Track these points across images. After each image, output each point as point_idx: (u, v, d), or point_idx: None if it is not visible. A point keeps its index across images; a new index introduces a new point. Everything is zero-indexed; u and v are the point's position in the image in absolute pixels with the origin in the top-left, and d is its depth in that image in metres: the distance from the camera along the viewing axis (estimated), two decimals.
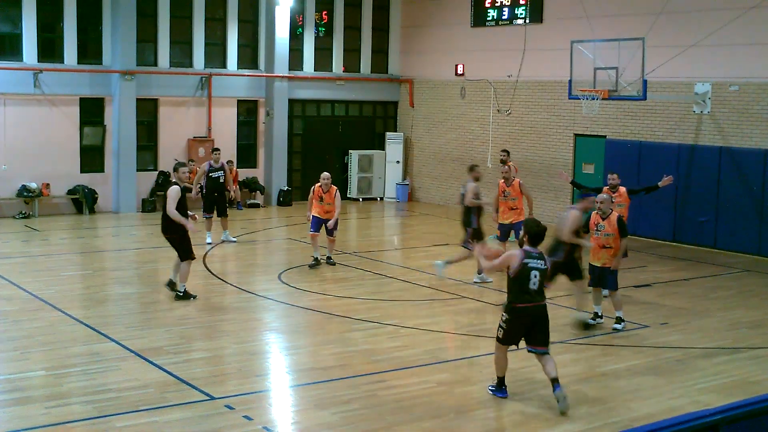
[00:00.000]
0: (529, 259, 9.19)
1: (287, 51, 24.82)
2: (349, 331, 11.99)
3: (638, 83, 18.41)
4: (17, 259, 16.71)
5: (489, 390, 9.60)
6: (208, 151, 24.02)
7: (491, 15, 24.14)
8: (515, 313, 9.23)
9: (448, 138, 25.67)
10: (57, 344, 11.06)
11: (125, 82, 22.36)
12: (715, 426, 5.69)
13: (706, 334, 12.32)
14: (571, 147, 22.21)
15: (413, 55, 26.81)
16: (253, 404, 9.15)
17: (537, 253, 9.30)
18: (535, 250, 9.30)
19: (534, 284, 9.18)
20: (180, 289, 13.44)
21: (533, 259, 9.21)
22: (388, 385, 9.78)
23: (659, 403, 9.42)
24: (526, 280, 9.15)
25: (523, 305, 9.18)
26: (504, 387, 9.53)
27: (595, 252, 12.45)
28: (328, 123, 26.56)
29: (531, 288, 9.17)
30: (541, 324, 9.28)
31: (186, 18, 23.84)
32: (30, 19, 21.65)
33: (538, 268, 9.20)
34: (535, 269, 9.18)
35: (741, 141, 18.77)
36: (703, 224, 19.31)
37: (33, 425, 8.36)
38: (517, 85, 23.41)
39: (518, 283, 9.18)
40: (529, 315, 9.22)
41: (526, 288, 9.16)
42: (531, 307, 9.20)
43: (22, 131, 21.64)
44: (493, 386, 9.60)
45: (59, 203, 22.39)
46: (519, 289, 9.19)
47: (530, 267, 9.15)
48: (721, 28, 18.54)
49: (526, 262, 9.16)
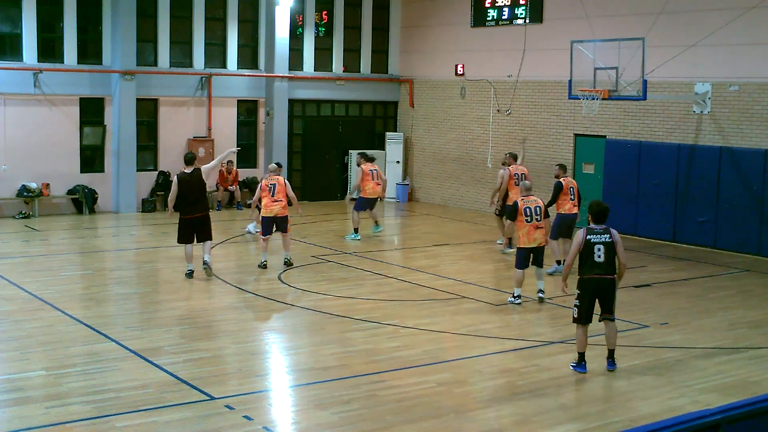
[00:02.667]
0: (592, 235, 10.19)
1: (287, 51, 24.83)
2: (349, 331, 11.99)
3: (638, 83, 18.40)
4: (17, 259, 16.71)
5: (570, 367, 10.43)
6: (208, 151, 24.07)
7: (491, 15, 24.14)
8: (584, 285, 10.26)
9: (448, 138, 25.67)
10: (57, 344, 11.06)
11: (125, 82, 22.36)
12: (715, 426, 5.69)
13: (706, 334, 12.32)
14: (571, 147, 22.20)
15: (413, 55, 26.81)
16: (253, 404, 9.15)
17: (601, 228, 10.24)
18: (599, 227, 10.25)
19: (599, 257, 10.13)
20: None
21: (596, 235, 10.19)
22: (388, 385, 9.79)
23: (659, 403, 9.42)
24: (590, 254, 10.14)
25: (590, 276, 10.19)
26: (584, 362, 10.36)
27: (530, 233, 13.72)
28: (328, 123, 26.57)
29: (597, 261, 10.14)
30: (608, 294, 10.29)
31: (186, 18, 23.84)
32: (30, 19, 21.65)
33: (602, 242, 10.16)
34: (598, 243, 10.15)
35: (741, 141, 18.77)
36: (703, 224, 19.31)
37: (33, 425, 8.36)
38: (517, 85, 23.41)
39: (584, 258, 10.19)
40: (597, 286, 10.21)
41: (592, 261, 10.14)
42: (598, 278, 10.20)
43: (22, 131, 21.64)
44: (574, 362, 10.45)
45: (59, 203, 22.39)
46: (585, 262, 10.19)
47: (593, 242, 10.16)
48: (721, 28, 18.54)
49: (590, 238, 10.18)
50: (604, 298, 10.30)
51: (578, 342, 10.40)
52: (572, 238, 14.64)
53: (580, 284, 10.31)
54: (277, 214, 15.87)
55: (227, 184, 23.89)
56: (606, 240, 10.16)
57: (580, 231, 10.31)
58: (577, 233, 10.37)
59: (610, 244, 10.17)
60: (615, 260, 10.30)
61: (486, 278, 15.60)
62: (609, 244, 10.16)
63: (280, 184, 15.93)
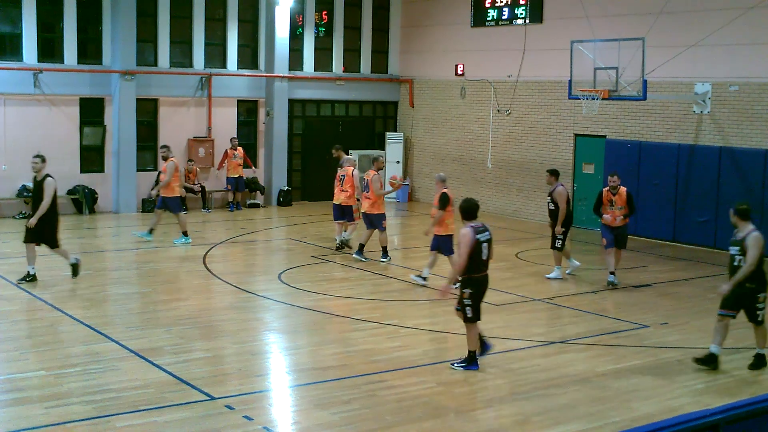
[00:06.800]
0: (479, 234, 10.12)
1: (287, 51, 24.83)
2: (349, 331, 11.99)
3: (638, 83, 18.40)
4: (17, 259, 16.69)
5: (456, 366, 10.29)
6: (208, 151, 24.08)
7: (491, 15, 24.14)
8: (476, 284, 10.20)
9: (448, 138, 25.67)
10: (57, 344, 11.07)
11: (125, 82, 22.36)
12: (715, 426, 5.68)
13: (706, 334, 12.29)
14: (571, 147, 22.20)
15: (413, 55, 26.81)
16: (253, 404, 9.15)
17: (481, 226, 10.23)
18: (479, 224, 10.21)
19: (485, 255, 10.17)
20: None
21: (481, 233, 10.15)
22: (388, 385, 9.78)
23: (659, 403, 9.42)
24: (479, 253, 10.11)
25: (481, 275, 10.23)
26: (476, 361, 10.34)
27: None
28: (328, 123, 26.56)
29: (483, 259, 10.18)
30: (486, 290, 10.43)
31: (186, 18, 23.84)
32: (30, 19, 21.65)
33: (486, 240, 10.20)
34: (484, 242, 10.16)
35: (741, 141, 18.77)
36: (703, 224, 19.31)
37: (33, 425, 8.36)
38: (517, 85, 23.40)
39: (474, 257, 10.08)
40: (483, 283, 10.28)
41: (480, 260, 10.13)
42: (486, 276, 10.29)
43: (22, 131, 21.63)
44: (464, 362, 10.33)
45: (59, 203, 22.15)
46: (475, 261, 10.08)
47: (481, 241, 10.13)
48: (721, 28, 18.54)
49: (479, 237, 10.09)
50: (485, 293, 10.46)
51: (472, 341, 10.33)
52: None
53: (472, 284, 10.18)
54: (342, 202, 17.54)
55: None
56: (488, 237, 10.25)
57: (467, 230, 10.04)
58: (465, 233, 10.03)
59: (490, 241, 10.28)
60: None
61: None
62: (490, 241, 10.28)
63: (348, 175, 17.39)
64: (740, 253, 10.46)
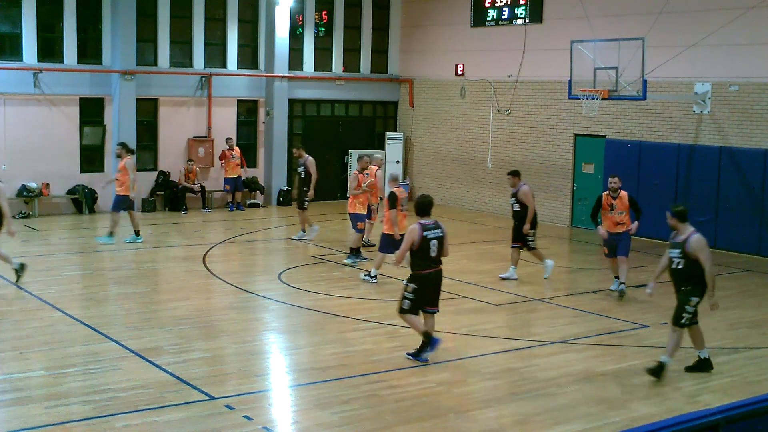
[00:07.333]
0: (426, 231, 10.25)
1: (287, 51, 24.83)
2: (349, 331, 11.99)
3: (638, 83, 18.40)
4: (17, 258, 16.69)
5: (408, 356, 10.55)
6: (208, 151, 24.07)
7: (491, 15, 24.14)
8: (421, 280, 10.32)
9: (448, 138, 25.67)
10: (57, 344, 11.06)
11: (125, 82, 22.36)
12: (715, 426, 5.68)
13: (706, 334, 12.27)
14: (571, 147, 22.20)
15: (413, 54, 26.81)
16: (253, 404, 9.15)
17: (432, 223, 10.36)
18: (429, 221, 10.34)
19: (434, 252, 10.30)
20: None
21: (430, 230, 10.29)
22: (388, 385, 9.78)
23: (659, 403, 9.42)
24: (427, 250, 10.24)
25: (428, 271, 10.33)
26: (433, 344, 10.52)
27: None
28: (328, 123, 26.56)
29: (432, 255, 10.29)
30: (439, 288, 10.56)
31: (186, 18, 23.84)
32: (30, 19, 21.64)
33: (436, 237, 10.31)
34: (433, 238, 10.28)
35: (741, 141, 18.77)
36: (702, 224, 19.29)
37: (33, 425, 8.36)
38: (517, 85, 23.40)
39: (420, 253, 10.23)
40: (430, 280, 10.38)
41: (428, 256, 10.25)
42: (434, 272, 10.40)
43: (22, 131, 21.63)
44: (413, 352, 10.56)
45: (59, 203, 22.39)
46: (421, 257, 10.25)
47: (429, 237, 10.25)
48: (721, 28, 18.53)
49: (426, 234, 10.22)
50: (436, 291, 10.53)
51: (417, 326, 10.53)
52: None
53: (417, 279, 10.35)
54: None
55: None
56: (439, 235, 10.35)
57: (415, 226, 10.24)
58: (412, 228, 10.25)
59: (441, 238, 10.37)
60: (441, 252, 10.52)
61: (486, 278, 15.59)
62: (441, 238, 10.36)
63: (372, 174, 17.55)
64: (681, 256, 10.05)
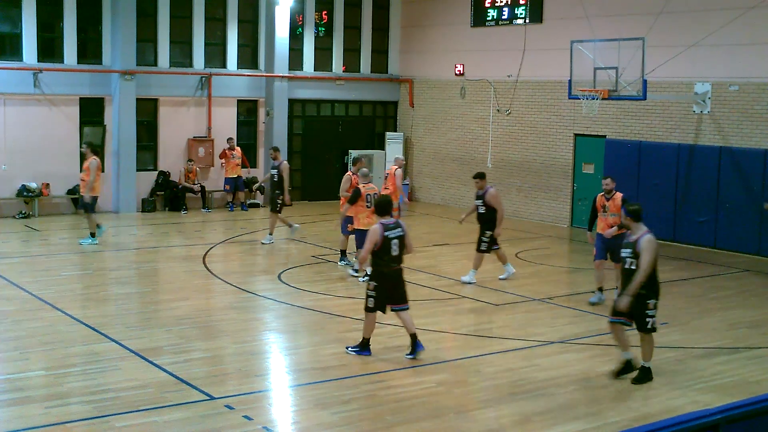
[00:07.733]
0: (388, 231, 10.43)
1: (287, 51, 24.82)
2: (349, 331, 11.98)
3: (638, 83, 18.40)
4: (17, 259, 16.71)
5: (350, 351, 10.76)
6: (208, 151, 24.07)
7: (491, 15, 24.14)
8: (383, 278, 10.52)
9: (448, 138, 25.67)
10: (57, 344, 11.06)
11: (125, 82, 22.36)
12: (715, 426, 5.69)
13: (706, 334, 12.32)
14: (571, 147, 22.20)
15: (413, 55, 26.81)
16: (253, 404, 9.15)
17: (392, 222, 10.55)
18: (390, 221, 10.54)
19: (395, 251, 10.49)
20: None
21: (391, 230, 10.46)
22: (387, 385, 9.79)
23: (659, 403, 9.42)
24: (388, 249, 10.42)
25: (389, 270, 10.52)
26: (369, 347, 10.77)
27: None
28: (328, 123, 26.57)
29: (393, 255, 10.48)
30: (402, 285, 10.70)
31: (186, 18, 23.83)
32: (30, 19, 21.64)
33: (397, 236, 10.49)
34: (395, 238, 10.46)
35: (741, 141, 18.77)
36: (703, 224, 19.31)
37: (33, 425, 8.36)
38: (517, 85, 23.40)
39: (382, 252, 10.41)
40: (391, 278, 10.55)
41: (390, 255, 10.44)
42: (395, 271, 10.58)
43: (22, 131, 21.63)
44: (357, 347, 10.77)
45: (59, 203, 22.39)
46: (383, 256, 10.42)
47: (390, 237, 10.43)
48: (721, 28, 18.54)
49: (387, 234, 10.40)
50: (396, 288, 10.66)
51: (368, 328, 10.76)
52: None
53: (379, 277, 10.57)
54: None
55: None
56: (399, 234, 10.54)
57: (376, 227, 10.45)
58: (373, 229, 10.47)
59: (402, 237, 10.57)
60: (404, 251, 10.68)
61: (486, 278, 15.59)
62: (402, 237, 10.56)
63: (391, 174, 17.59)
64: (632, 256, 9.89)
